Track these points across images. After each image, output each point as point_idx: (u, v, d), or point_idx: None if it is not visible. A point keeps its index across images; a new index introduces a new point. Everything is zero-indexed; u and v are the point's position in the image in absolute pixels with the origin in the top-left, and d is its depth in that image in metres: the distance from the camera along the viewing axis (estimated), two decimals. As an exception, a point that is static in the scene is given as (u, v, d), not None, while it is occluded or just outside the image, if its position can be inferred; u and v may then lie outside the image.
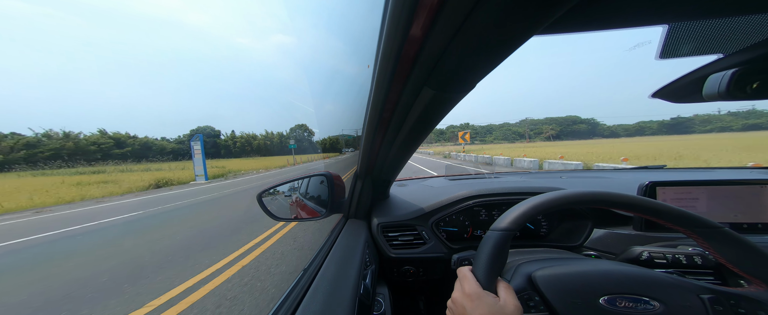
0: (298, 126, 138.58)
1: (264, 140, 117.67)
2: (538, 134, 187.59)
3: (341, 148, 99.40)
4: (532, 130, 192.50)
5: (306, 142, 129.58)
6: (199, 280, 2.71)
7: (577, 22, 0.36)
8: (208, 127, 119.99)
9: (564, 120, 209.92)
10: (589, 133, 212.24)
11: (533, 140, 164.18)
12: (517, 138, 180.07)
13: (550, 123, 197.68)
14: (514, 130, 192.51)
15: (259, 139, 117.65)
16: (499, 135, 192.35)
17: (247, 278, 2.69)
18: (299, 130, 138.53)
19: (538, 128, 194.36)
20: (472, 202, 1.12)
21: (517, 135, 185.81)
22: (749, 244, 0.49)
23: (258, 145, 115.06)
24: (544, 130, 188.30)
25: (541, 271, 0.57)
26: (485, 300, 0.47)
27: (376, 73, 0.45)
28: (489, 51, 0.35)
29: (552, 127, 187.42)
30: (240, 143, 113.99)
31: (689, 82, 0.57)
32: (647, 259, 0.77)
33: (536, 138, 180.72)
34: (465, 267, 0.56)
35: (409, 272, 1.08)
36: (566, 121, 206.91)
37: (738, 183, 0.85)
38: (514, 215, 0.54)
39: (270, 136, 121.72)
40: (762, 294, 0.48)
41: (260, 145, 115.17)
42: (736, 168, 1.77)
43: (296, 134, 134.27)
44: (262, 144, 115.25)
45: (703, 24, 0.44)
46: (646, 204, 0.53)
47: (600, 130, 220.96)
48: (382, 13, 0.35)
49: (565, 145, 60.42)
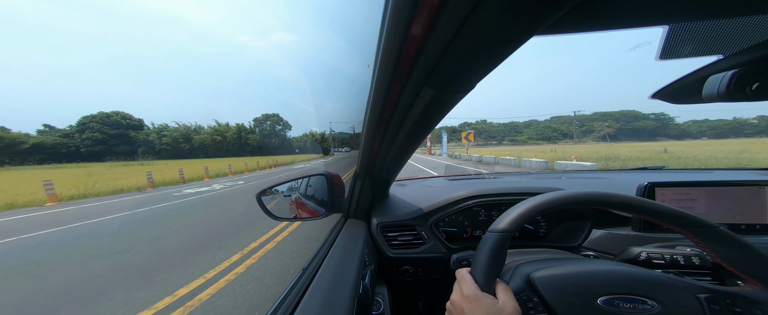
0: (266, 116, 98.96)
1: (212, 135, 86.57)
2: (586, 133, 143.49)
3: (330, 148, 72.64)
4: (580, 128, 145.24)
5: (276, 139, 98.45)
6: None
7: (577, 23, 0.36)
8: (119, 112, 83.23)
9: (620, 115, 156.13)
10: (652, 132, 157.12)
11: (583, 140, 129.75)
12: (559, 137, 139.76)
13: (604, 118, 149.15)
14: (555, 127, 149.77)
15: (204, 134, 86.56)
16: (534, 133, 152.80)
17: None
18: (267, 123, 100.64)
19: (587, 125, 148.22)
20: (471, 202, 1.12)
21: (559, 133, 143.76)
22: (743, 243, 0.49)
23: (202, 142, 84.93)
24: (597, 127, 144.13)
25: (539, 272, 0.57)
26: (483, 302, 0.47)
27: (376, 73, 0.45)
28: (489, 51, 0.35)
29: (608, 125, 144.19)
30: (170, 139, 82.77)
31: (689, 83, 0.57)
32: (645, 260, 0.77)
33: (586, 137, 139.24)
34: (463, 269, 0.56)
35: (408, 272, 1.08)
36: (624, 117, 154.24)
37: (737, 184, 0.85)
38: (512, 216, 0.54)
39: (221, 130, 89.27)
40: (757, 293, 0.48)
41: (205, 142, 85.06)
42: (735, 169, 1.77)
43: (263, 127, 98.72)
44: (207, 141, 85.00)
45: (704, 25, 0.44)
46: (642, 204, 0.53)
47: (669, 129, 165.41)
48: (382, 12, 0.35)
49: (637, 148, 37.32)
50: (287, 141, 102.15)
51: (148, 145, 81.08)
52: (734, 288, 0.51)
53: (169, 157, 77.02)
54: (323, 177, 1.04)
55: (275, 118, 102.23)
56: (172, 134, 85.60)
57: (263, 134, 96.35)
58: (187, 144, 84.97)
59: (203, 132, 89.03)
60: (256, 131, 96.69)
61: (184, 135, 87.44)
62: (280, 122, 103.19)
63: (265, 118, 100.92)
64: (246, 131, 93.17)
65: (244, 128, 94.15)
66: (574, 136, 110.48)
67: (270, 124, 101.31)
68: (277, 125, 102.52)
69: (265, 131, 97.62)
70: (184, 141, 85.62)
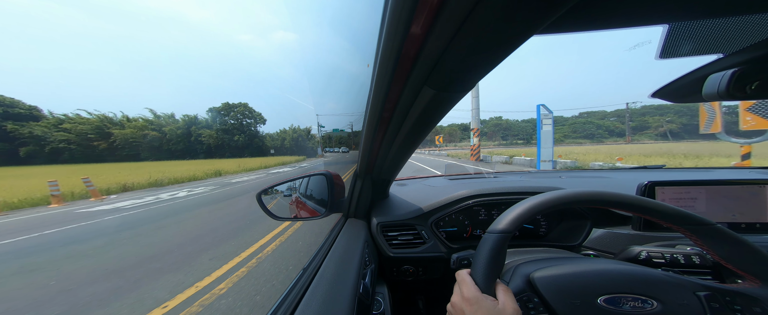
0: (229, 106, 72.60)
1: (140, 130, 60.70)
2: (639, 130, 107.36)
3: (317, 148, 66.05)
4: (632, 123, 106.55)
5: (241, 136, 70.59)
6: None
7: (577, 22, 0.36)
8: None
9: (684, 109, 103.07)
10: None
11: (637, 139, 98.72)
12: (605, 135, 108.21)
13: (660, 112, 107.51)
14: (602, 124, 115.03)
15: (129, 130, 58.82)
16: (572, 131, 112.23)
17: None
18: (222, 114, 72.92)
19: (636, 121, 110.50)
20: (471, 201, 1.13)
21: (605, 131, 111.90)
22: (741, 240, 0.50)
23: (127, 140, 57.45)
24: (653, 123, 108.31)
25: (539, 273, 0.57)
26: (484, 304, 0.47)
27: (376, 72, 0.45)
28: (489, 50, 0.35)
29: (669, 120, 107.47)
30: (74, 135, 54.15)
31: (689, 82, 0.57)
32: (646, 259, 0.77)
33: (639, 135, 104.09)
34: (463, 270, 0.56)
35: (408, 272, 1.08)
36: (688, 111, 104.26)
37: (737, 183, 0.85)
38: (511, 217, 0.54)
39: (154, 124, 64.58)
40: (756, 290, 0.48)
41: (132, 140, 58.20)
42: (734, 168, 1.77)
43: (224, 121, 72.02)
44: (134, 137, 58.31)
45: (703, 24, 0.44)
46: (639, 202, 0.53)
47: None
48: (382, 12, 0.35)
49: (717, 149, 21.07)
50: (258, 138, 74.29)
51: (37, 142, 52.69)
52: (733, 286, 0.51)
53: (77, 159, 53.28)
54: (323, 177, 1.04)
55: (242, 108, 73.16)
56: (76, 128, 54.94)
57: (224, 130, 70.63)
58: (103, 142, 56.20)
59: (129, 125, 60.25)
60: (212, 126, 70.82)
61: (97, 129, 56.67)
62: (250, 115, 74.31)
63: (226, 109, 72.46)
64: (198, 126, 69.32)
65: (197, 121, 70.15)
66: (627, 133, 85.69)
67: (234, 117, 73.08)
68: (246, 119, 74.40)
69: (226, 126, 71.38)
70: (98, 138, 56.25)
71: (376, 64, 0.43)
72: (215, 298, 2.30)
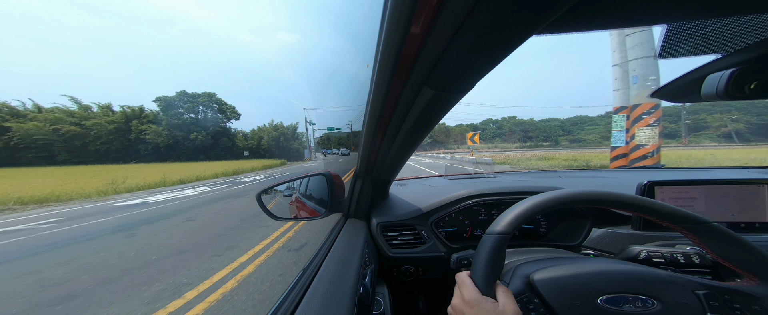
0: (187, 96, 56.89)
1: (52, 124, 44.74)
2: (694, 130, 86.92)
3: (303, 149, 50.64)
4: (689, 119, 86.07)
5: (201, 134, 53.93)
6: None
7: (577, 22, 0.36)
8: None
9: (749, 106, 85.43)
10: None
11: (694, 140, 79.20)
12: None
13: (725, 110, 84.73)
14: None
15: (32, 123, 43.20)
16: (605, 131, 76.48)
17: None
18: (176, 105, 56.53)
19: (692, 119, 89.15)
20: (471, 201, 1.13)
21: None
22: (738, 239, 0.50)
23: (25, 136, 41.96)
24: (713, 122, 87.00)
25: (539, 273, 0.57)
26: (484, 306, 0.47)
27: (376, 73, 0.45)
28: (489, 51, 0.35)
29: (735, 118, 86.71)
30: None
31: (688, 82, 0.57)
32: (645, 258, 0.77)
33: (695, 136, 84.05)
34: (463, 272, 0.56)
35: (408, 272, 1.08)
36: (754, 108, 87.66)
37: (736, 182, 0.85)
38: (510, 218, 0.54)
39: (75, 116, 48.50)
40: (755, 288, 0.49)
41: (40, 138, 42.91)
42: (734, 167, 1.77)
43: (177, 114, 55.81)
44: (43, 133, 43.11)
45: (702, 24, 0.44)
46: (638, 202, 0.53)
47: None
48: (381, 12, 0.35)
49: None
50: (227, 137, 57.61)
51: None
52: (732, 284, 0.51)
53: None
54: (323, 177, 1.04)
55: (206, 98, 57.13)
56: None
57: (175, 125, 53.78)
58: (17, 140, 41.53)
59: (38, 117, 45.10)
60: (160, 121, 54.38)
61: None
62: (220, 108, 58.47)
63: (182, 99, 55.49)
64: (143, 119, 53.13)
65: (143, 114, 53.75)
66: (683, 133, 69.88)
67: (192, 109, 55.63)
68: (208, 107, 57.15)
69: (179, 120, 54.66)
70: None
71: (376, 64, 0.43)
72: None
